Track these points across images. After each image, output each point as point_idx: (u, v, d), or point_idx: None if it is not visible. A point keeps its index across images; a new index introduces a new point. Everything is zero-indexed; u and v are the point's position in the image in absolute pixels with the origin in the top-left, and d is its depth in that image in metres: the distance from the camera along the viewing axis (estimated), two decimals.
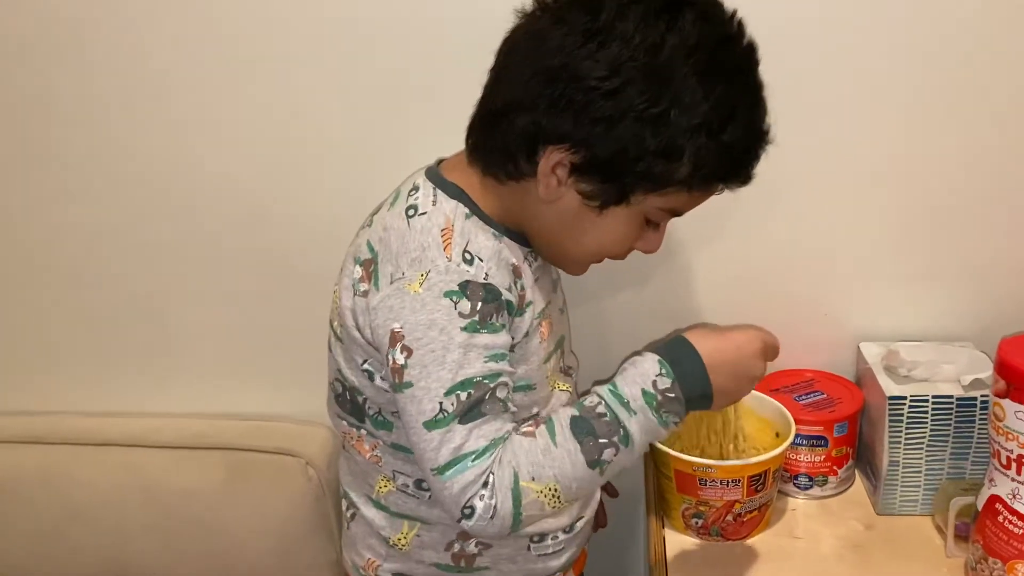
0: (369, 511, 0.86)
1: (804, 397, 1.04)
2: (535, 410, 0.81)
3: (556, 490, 0.72)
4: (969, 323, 1.07)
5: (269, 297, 1.15)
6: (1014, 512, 0.82)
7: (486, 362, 0.72)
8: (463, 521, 0.71)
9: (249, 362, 1.19)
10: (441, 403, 0.70)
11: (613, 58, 0.67)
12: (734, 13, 0.72)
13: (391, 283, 0.72)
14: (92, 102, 1.07)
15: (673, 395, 0.74)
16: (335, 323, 0.81)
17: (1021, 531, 0.81)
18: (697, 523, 0.95)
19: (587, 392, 0.77)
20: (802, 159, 0.99)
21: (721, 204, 1.03)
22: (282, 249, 1.12)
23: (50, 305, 1.19)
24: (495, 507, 0.70)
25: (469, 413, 0.71)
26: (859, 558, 0.93)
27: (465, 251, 0.72)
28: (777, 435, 0.98)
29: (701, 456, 0.94)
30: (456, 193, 0.76)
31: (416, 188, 0.77)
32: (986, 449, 0.85)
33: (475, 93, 0.99)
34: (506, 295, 0.73)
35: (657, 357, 0.75)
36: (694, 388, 0.75)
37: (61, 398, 1.23)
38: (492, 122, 0.74)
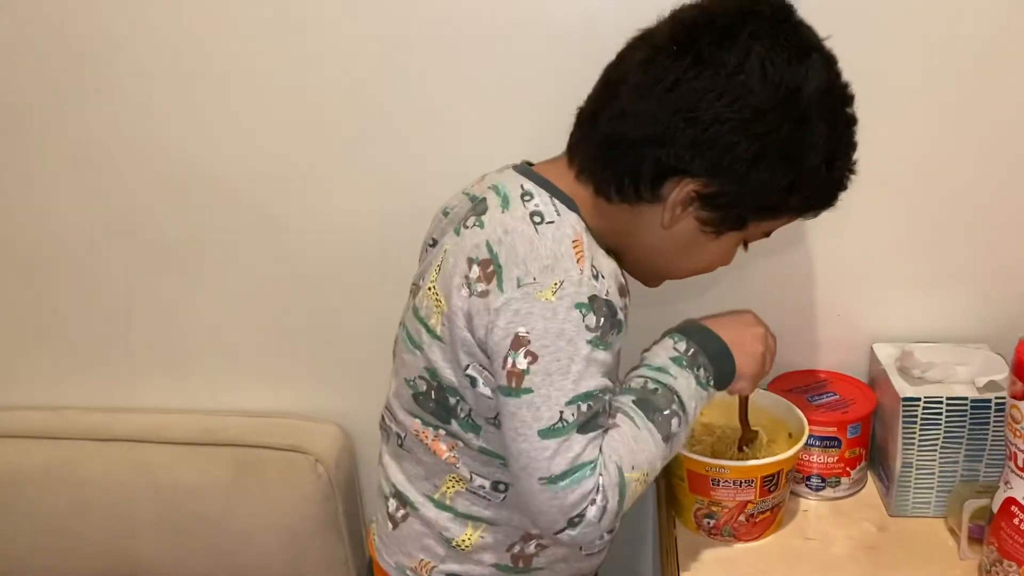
0: (430, 511, 0.85)
1: (817, 398, 1.04)
2: None
3: (648, 473, 0.76)
4: (984, 325, 1.07)
5: (279, 294, 1.15)
6: None
7: (602, 377, 0.74)
8: (566, 531, 0.73)
9: (258, 358, 1.19)
10: (562, 412, 0.71)
11: (759, 103, 0.71)
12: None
13: (519, 287, 0.73)
14: (103, 99, 1.08)
15: (693, 351, 0.81)
16: (431, 321, 0.79)
17: None
18: (709, 523, 0.94)
19: (621, 383, 0.80)
20: None
21: None
22: (292, 245, 1.13)
23: (58, 301, 1.19)
24: (605, 508, 0.73)
25: (587, 424, 0.73)
26: (872, 560, 0.93)
27: (593, 265, 0.74)
28: (790, 436, 0.98)
29: (713, 457, 0.94)
30: (573, 206, 0.77)
31: (529, 194, 0.77)
32: (1000, 451, 0.85)
33: (495, 96, 1.01)
34: (620, 315, 0.75)
35: (664, 337, 0.84)
36: (708, 344, 0.82)
37: (69, 394, 1.23)
38: (619, 149, 0.76)
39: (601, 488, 0.72)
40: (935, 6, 0.96)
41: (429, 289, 0.79)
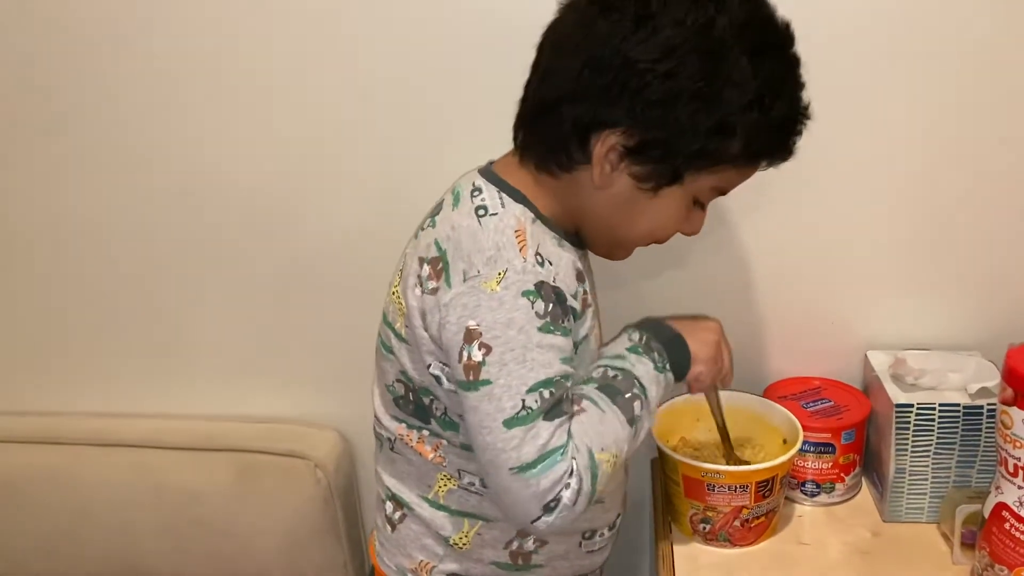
0: (425, 511, 0.85)
1: (812, 404, 1.05)
2: None
3: (616, 455, 0.76)
4: (977, 332, 1.08)
5: (280, 300, 1.16)
6: (1021, 520, 0.82)
7: (560, 363, 0.74)
8: (543, 518, 0.72)
9: (259, 364, 1.20)
10: (524, 400, 0.71)
11: (666, 41, 0.69)
12: None
13: (464, 280, 0.72)
14: (104, 104, 1.08)
15: (647, 337, 0.82)
16: (397, 324, 0.80)
17: None
18: (705, 528, 0.95)
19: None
20: (811, 168, 0.99)
21: (729, 212, 1.05)
22: (294, 252, 1.13)
23: (60, 306, 1.20)
24: (579, 491, 0.72)
25: (552, 411, 0.72)
26: (865, 565, 0.93)
27: (537, 253, 0.74)
28: (785, 442, 0.99)
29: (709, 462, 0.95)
30: (519, 197, 0.77)
31: (478, 189, 0.78)
32: (992, 457, 0.85)
33: (495, 97, 0.99)
34: (571, 301, 0.75)
35: (619, 333, 0.84)
36: (660, 332, 0.83)
37: (71, 399, 1.23)
38: (543, 116, 0.75)
39: (575, 471, 0.72)
40: (929, 13, 0.96)
41: (393, 294, 0.81)
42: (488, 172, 0.80)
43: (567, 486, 0.72)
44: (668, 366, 0.82)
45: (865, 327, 1.10)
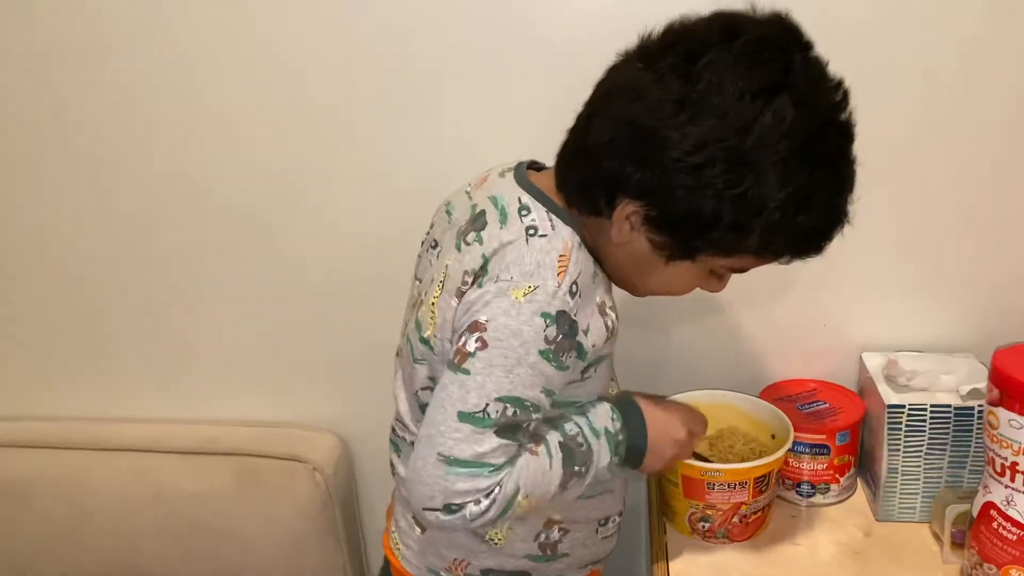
0: None
1: (807, 406, 1.05)
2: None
3: (531, 508, 0.77)
4: (970, 334, 1.08)
5: (279, 304, 1.17)
6: (1008, 519, 0.82)
7: (540, 392, 0.74)
8: (435, 512, 0.72)
9: (258, 369, 1.20)
10: (488, 404, 0.71)
11: (702, 135, 0.68)
12: (840, 84, 0.72)
13: (495, 282, 0.73)
14: (97, 110, 1.09)
15: (622, 438, 0.82)
16: (427, 333, 0.80)
17: (1015, 537, 0.82)
18: (704, 527, 0.96)
19: (562, 416, 0.80)
20: None
21: None
22: (292, 256, 1.14)
23: (62, 312, 1.21)
24: (483, 513, 0.73)
25: (506, 429, 0.73)
26: (857, 564, 0.94)
27: (574, 283, 0.74)
28: (773, 436, 1.00)
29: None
30: (569, 220, 0.77)
31: (526, 208, 0.77)
32: (983, 457, 0.86)
33: (486, 105, 1.02)
34: (581, 337, 0.75)
35: (608, 405, 0.83)
36: (634, 439, 0.83)
37: (73, 404, 1.24)
38: (580, 157, 0.75)
39: (492, 495, 0.73)
40: (924, 12, 0.96)
41: (432, 304, 0.80)
42: (532, 188, 0.79)
43: (477, 502, 0.72)
44: (614, 471, 0.82)
45: (860, 329, 1.10)
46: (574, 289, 0.73)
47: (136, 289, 1.18)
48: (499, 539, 0.85)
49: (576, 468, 0.78)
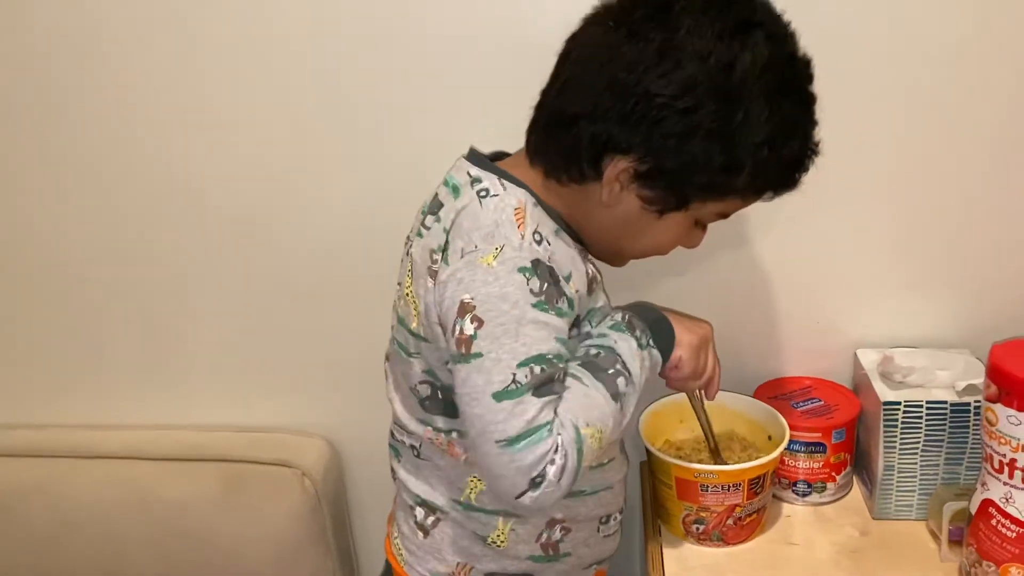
0: (459, 514, 0.85)
1: (802, 404, 1.04)
2: None
3: (602, 431, 0.76)
4: (965, 330, 1.08)
5: (265, 308, 1.15)
6: (1007, 516, 0.82)
7: (556, 342, 0.74)
8: (528, 492, 0.71)
9: (245, 373, 1.19)
10: (514, 374, 0.71)
11: (687, 78, 0.70)
12: (789, 25, 0.75)
13: (461, 257, 0.73)
14: (84, 114, 1.08)
15: (629, 316, 0.82)
16: (413, 324, 0.80)
17: (1014, 535, 0.81)
18: (698, 529, 0.95)
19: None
20: None
21: None
22: (277, 259, 1.13)
23: (43, 319, 1.20)
24: (564, 467, 0.72)
25: (542, 388, 0.72)
26: (854, 563, 0.93)
27: (536, 231, 0.74)
28: (770, 438, 0.99)
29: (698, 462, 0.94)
30: (520, 184, 0.78)
31: (477, 179, 0.78)
32: (980, 454, 0.85)
33: (480, 106, 1.02)
34: (563, 285, 0.75)
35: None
36: (644, 313, 0.83)
37: (55, 411, 1.23)
38: (559, 128, 0.76)
39: (560, 446, 0.72)
40: (917, 11, 0.96)
41: (406, 295, 0.81)
42: (484, 162, 0.80)
43: (552, 462, 0.71)
44: (651, 343, 0.82)
45: (854, 326, 1.10)
46: (537, 237, 0.74)
47: (121, 294, 1.17)
48: (501, 541, 0.85)
49: (610, 371, 0.77)
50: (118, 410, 1.22)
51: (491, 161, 0.82)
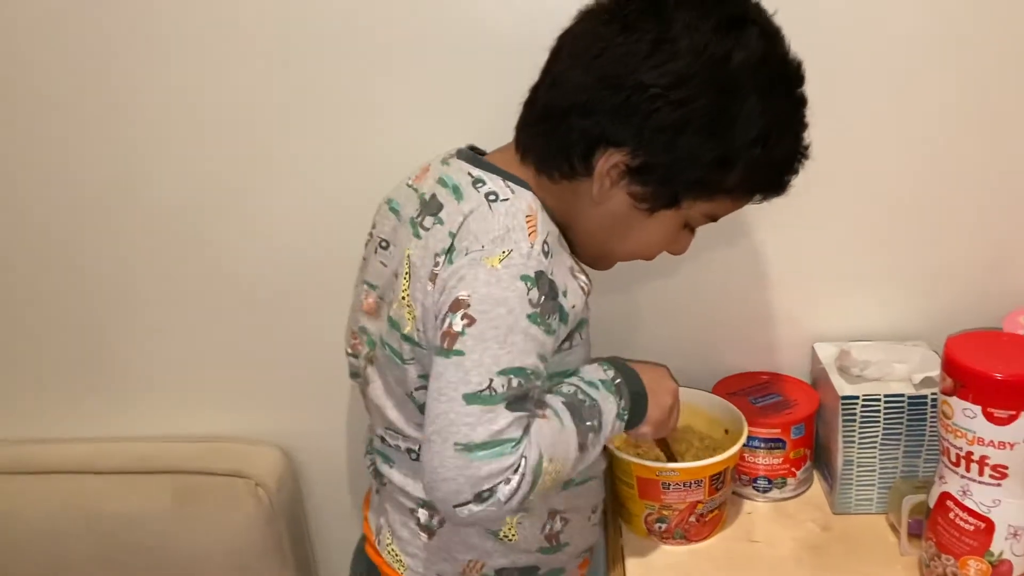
0: None
1: (761, 400, 1.04)
2: None
3: (559, 472, 0.75)
4: (921, 321, 1.09)
5: (213, 316, 1.14)
6: (965, 508, 0.82)
7: (537, 359, 0.73)
8: (468, 505, 0.70)
9: (194, 382, 1.17)
10: (492, 380, 0.70)
11: (681, 69, 0.69)
12: (781, 29, 0.75)
13: (466, 255, 0.72)
14: (27, 126, 1.05)
15: (620, 381, 0.82)
16: (407, 329, 0.78)
17: (972, 527, 0.82)
18: (661, 528, 0.95)
19: (555, 384, 0.80)
20: None
21: None
22: (225, 267, 1.11)
23: None
24: (517, 490, 0.70)
25: (516, 402, 0.71)
26: (815, 559, 0.93)
27: (545, 242, 0.73)
28: (727, 432, 0.99)
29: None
30: (526, 186, 0.77)
31: (480, 181, 0.77)
32: (939, 447, 0.85)
33: (427, 102, 1.00)
34: (561, 299, 0.74)
35: (595, 363, 0.84)
36: (631, 381, 0.83)
37: None
38: (551, 122, 0.75)
39: (521, 468, 0.70)
40: (884, 5, 0.97)
41: (402, 299, 0.78)
42: (482, 162, 0.79)
43: (507, 481, 0.70)
44: (626, 416, 0.82)
45: (812, 320, 1.10)
46: (546, 248, 0.73)
47: (64, 303, 1.14)
48: (512, 535, 0.85)
49: (588, 423, 0.77)
50: (62, 423, 1.19)
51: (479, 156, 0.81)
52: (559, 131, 0.74)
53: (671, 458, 0.95)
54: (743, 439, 0.94)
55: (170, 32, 1.01)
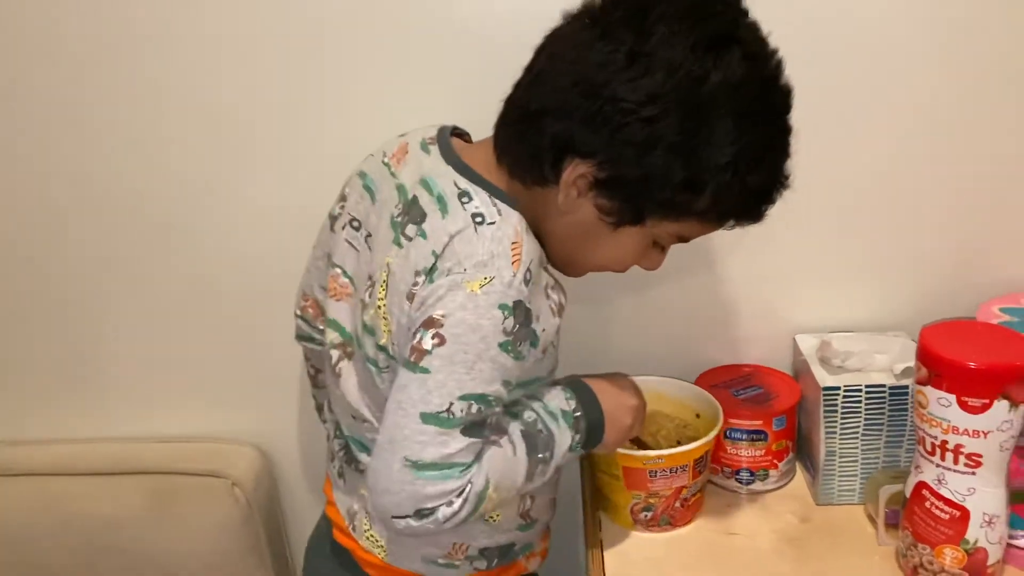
0: None
1: (742, 392, 1.04)
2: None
3: (501, 500, 0.76)
4: (901, 312, 1.08)
5: (188, 314, 1.13)
6: (940, 498, 0.82)
7: (500, 386, 0.73)
8: (407, 519, 0.71)
9: (169, 382, 1.17)
10: (452, 404, 0.70)
11: (654, 86, 0.67)
12: (775, 52, 0.72)
13: (447, 276, 0.71)
14: (6, 119, 1.05)
15: (579, 415, 0.81)
16: (383, 340, 0.77)
17: (947, 516, 0.81)
18: (647, 516, 0.95)
19: (517, 403, 0.79)
20: None
21: None
22: (201, 265, 1.10)
23: None
24: (457, 513, 0.71)
25: (472, 428, 0.72)
26: (795, 551, 0.93)
27: (528, 270, 0.72)
28: (698, 416, 0.99)
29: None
30: (512, 201, 0.75)
31: (466, 194, 0.75)
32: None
33: (399, 100, 0.99)
34: (535, 324, 0.74)
35: (560, 387, 0.83)
36: (590, 413, 0.82)
37: None
38: (524, 124, 0.74)
39: (464, 493, 0.71)
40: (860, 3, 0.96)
41: (379, 308, 0.77)
42: (468, 171, 0.77)
43: (449, 503, 0.71)
44: (579, 449, 0.82)
45: (793, 312, 1.10)
46: (528, 277, 0.72)
47: (38, 303, 1.13)
48: (496, 516, 0.85)
49: (540, 455, 0.77)
50: (37, 425, 1.18)
51: (456, 137, 0.80)
52: (532, 133, 0.73)
53: (643, 447, 0.95)
54: (719, 420, 0.94)
55: (143, 32, 1.00)
